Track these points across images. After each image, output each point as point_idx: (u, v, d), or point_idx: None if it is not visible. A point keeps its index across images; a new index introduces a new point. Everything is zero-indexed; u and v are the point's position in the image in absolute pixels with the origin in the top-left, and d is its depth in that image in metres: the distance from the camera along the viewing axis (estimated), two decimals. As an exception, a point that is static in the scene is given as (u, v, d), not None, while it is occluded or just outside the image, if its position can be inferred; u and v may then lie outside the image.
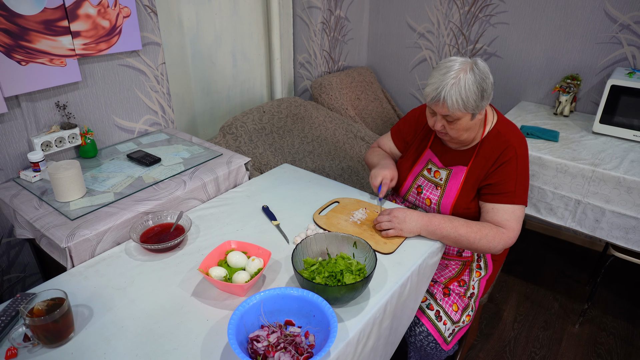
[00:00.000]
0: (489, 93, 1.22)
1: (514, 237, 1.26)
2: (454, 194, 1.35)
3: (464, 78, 1.17)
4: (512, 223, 1.26)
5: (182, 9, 2.03)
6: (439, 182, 1.39)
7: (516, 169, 1.27)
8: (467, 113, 1.21)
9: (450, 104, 1.18)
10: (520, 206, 1.27)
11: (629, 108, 1.92)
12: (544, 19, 2.34)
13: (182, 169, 1.55)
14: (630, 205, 1.71)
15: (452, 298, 1.42)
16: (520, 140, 1.31)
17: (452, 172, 1.37)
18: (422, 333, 1.39)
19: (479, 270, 1.48)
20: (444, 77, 1.19)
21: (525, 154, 1.30)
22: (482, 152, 1.32)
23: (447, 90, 1.17)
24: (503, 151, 1.28)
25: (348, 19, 2.86)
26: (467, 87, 1.17)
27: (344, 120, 2.52)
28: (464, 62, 1.20)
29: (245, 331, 0.88)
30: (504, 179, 1.27)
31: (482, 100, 1.20)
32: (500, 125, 1.34)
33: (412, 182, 1.45)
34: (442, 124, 1.26)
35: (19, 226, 1.35)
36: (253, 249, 1.12)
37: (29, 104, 1.47)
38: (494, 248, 1.24)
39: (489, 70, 1.22)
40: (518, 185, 1.26)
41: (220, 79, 2.34)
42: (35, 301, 0.91)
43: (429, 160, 1.44)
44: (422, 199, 1.43)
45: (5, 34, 1.32)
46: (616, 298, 2.23)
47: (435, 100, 1.21)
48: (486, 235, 1.23)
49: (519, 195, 1.26)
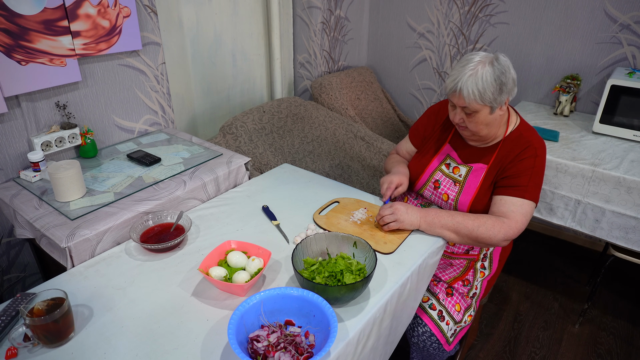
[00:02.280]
0: (510, 88, 1.22)
1: (516, 229, 1.23)
2: (473, 192, 1.33)
3: (482, 70, 1.18)
4: (517, 215, 1.24)
5: (182, 9, 2.03)
6: (458, 179, 1.37)
7: (533, 166, 1.26)
8: (485, 106, 1.21)
9: (467, 94, 1.19)
10: (530, 202, 1.25)
11: (629, 108, 1.92)
12: (544, 19, 2.34)
13: (182, 169, 1.55)
14: (630, 205, 1.71)
15: (455, 298, 1.42)
16: (541, 143, 1.31)
17: (472, 169, 1.36)
18: (425, 333, 1.39)
19: (484, 270, 1.47)
20: (463, 69, 1.20)
21: (544, 156, 1.29)
22: (504, 151, 1.32)
23: (464, 81, 1.19)
24: (524, 149, 1.28)
25: (348, 19, 2.86)
26: (485, 78, 1.18)
27: (344, 120, 2.52)
28: (485, 56, 1.21)
29: (245, 331, 0.88)
30: (519, 173, 1.27)
31: (501, 94, 1.21)
32: (523, 128, 1.34)
33: (429, 177, 1.42)
34: (461, 117, 1.27)
35: (19, 226, 1.35)
36: (253, 249, 1.12)
37: (29, 103, 1.47)
38: (495, 237, 1.21)
39: (510, 66, 1.22)
40: (532, 181, 1.25)
41: (220, 79, 2.34)
42: (35, 301, 0.91)
43: (448, 155, 1.42)
44: (439, 194, 1.40)
45: (5, 34, 1.32)
46: (616, 298, 2.23)
47: (453, 90, 1.22)
48: (485, 222, 1.22)
49: (531, 191, 1.25)
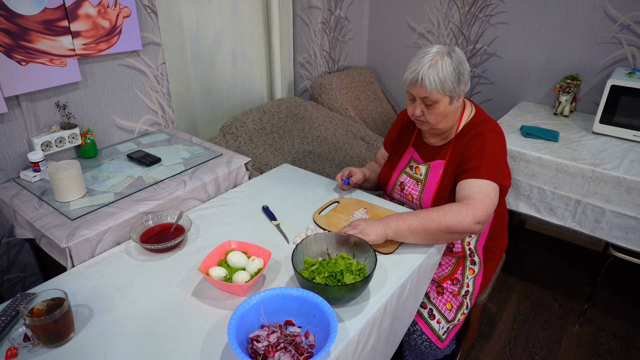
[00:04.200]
0: (466, 79, 1.28)
1: (483, 209, 1.18)
2: (434, 188, 1.38)
3: (441, 60, 1.24)
4: (479, 195, 1.20)
5: (182, 9, 2.03)
6: (420, 178, 1.43)
7: (482, 149, 1.27)
8: (445, 95, 1.26)
9: (428, 83, 1.23)
10: (488, 182, 1.22)
11: (629, 108, 1.92)
12: (544, 19, 2.34)
13: (182, 169, 1.55)
14: (630, 205, 1.71)
15: (446, 297, 1.43)
16: (492, 127, 1.33)
17: (431, 167, 1.41)
18: (415, 332, 1.40)
19: (473, 267, 1.48)
20: (422, 60, 1.25)
21: (495, 139, 1.29)
22: (458, 145, 1.36)
23: (425, 71, 1.23)
24: (472, 137, 1.33)
25: (348, 19, 2.86)
26: (444, 68, 1.23)
27: (344, 120, 2.52)
28: (441, 48, 1.27)
29: (245, 331, 0.88)
30: (470, 158, 1.29)
31: (459, 85, 1.26)
32: (477, 119, 1.37)
33: (396, 180, 1.49)
34: (421, 109, 1.30)
35: (19, 226, 1.35)
36: (253, 249, 1.12)
37: (29, 104, 1.47)
38: (465, 221, 1.15)
39: (465, 58, 1.29)
40: (484, 162, 1.25)
41: (220, 79, 2.34)
42: (35, 301, 0.91)
43: (411, 158, 1.49)
44: (405, 195, 1.46)
45: (5, 34, 1.32)
46: (616, 298, 2.23)
47: (414, 81, 1.26)
48: (449, 209, 1.17)
49: (484, 171, 1.23)
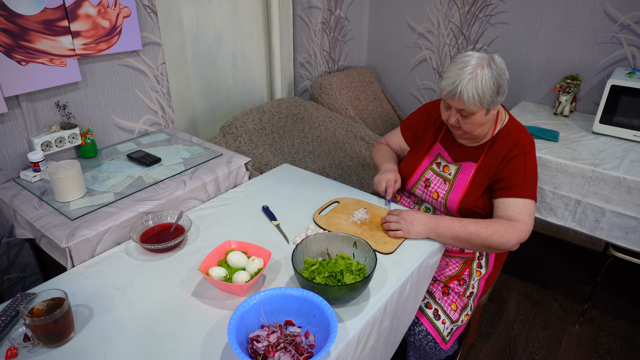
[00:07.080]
0: (505, 89, 1.23)
1: (527, 231, 1.24)
2: (462, 189, 1.35)
3: (481, 73, 1.18)
4: (524, 217, 1.24)
5: (182, 9, 2.03)
6: (448, 177, 1.40)
7: (524, 164, 1.27)
8: (482, 108, 1.22)
9: (467, 99, 1.19)
10: (530, 201, 1.26)
11: (629, 108, 1.92)
12: (544, 19, 2.34)
13: (182, 169, 1.55)
14: (630, 205, 1.71)
15: (452, 297, 1.42)
16: (529, 139, 1.32)
17: (461, 168, 1.38)
18: (421, 332, 1.39)
19: (480, 269, 1.48)
20: (461, 72, 1.19)
21: (533, 152, 1.31)
22: (493, 150, 1.33)
23: (464, 85, 1.18)
24: (512, 148, 1.30)
25: (348, 19, 2.86)
26: (484, 82, 1.18)
27: (344, 120, 2.52)
28: (481, 58, 1.21)
29: (245, 331, 0.88)
30: (512, 174, 1.28)
31: (498, 96, 1.22)
32: (511, 125, 1.35)
33: (420, 176, 1.45)
34: (457, 118, 1.27)
35: (19, 226, 1.35)
36: (253, 249, 1.12)
37: (29, 104, 1.47)
38: (508, 243, 1.22)
39: (505, 67, 1.23)
40: (526, 180, 1.27)
41: (220, 79, 2.34)
42: (35, 301, 0.91)
43: (438, 154, 1.45)
44: (430, 192, 1.43)
45: (5, 34, 1.32)
46: (616, 298, 2.23)
47: (452, 94, 1.21)
48: (497, 230, 1.22)
49: (527, 189, 1.26)
